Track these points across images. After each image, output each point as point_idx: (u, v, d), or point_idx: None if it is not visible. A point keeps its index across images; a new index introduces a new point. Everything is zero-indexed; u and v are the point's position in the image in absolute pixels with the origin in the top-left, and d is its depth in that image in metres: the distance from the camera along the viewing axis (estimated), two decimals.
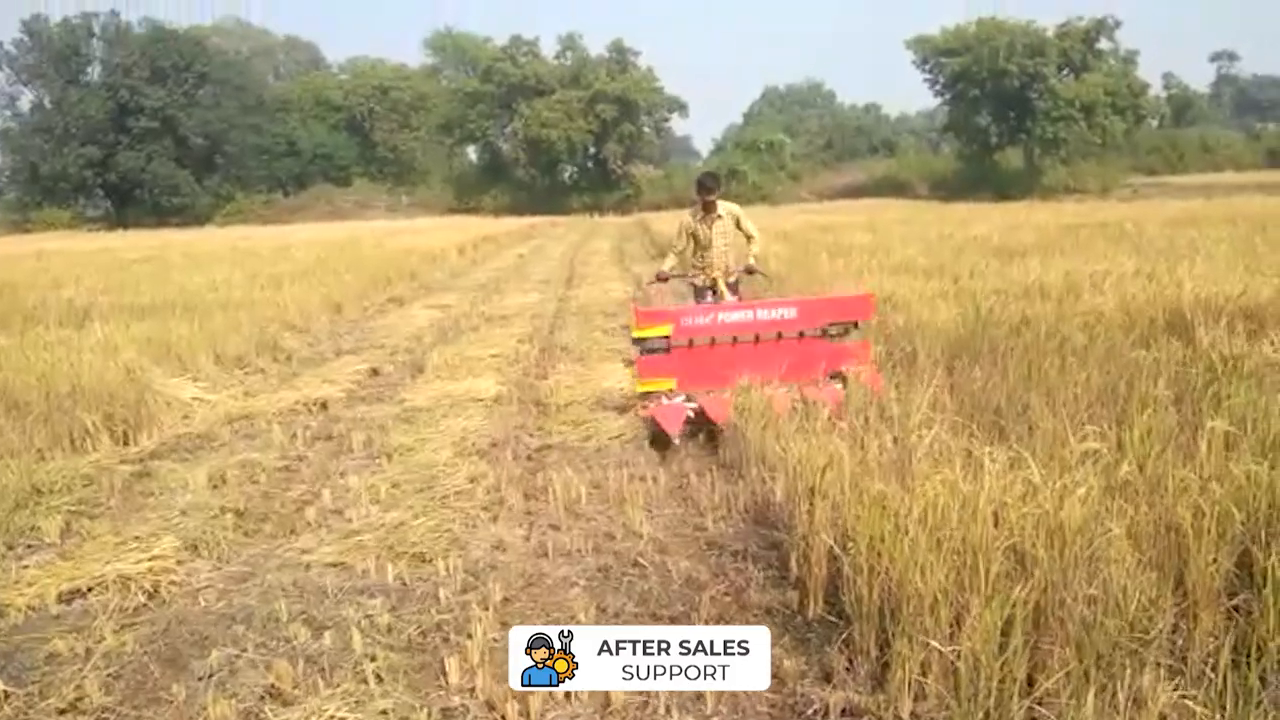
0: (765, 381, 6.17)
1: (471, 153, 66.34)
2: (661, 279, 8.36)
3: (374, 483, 5.65)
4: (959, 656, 2.85)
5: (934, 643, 2.99)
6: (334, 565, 4.53)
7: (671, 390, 6.54)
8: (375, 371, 9.36)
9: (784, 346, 6.59)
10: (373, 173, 62.44)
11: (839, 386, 6.31)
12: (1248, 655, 2.88)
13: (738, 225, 7.91)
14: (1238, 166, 60.19)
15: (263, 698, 3.30)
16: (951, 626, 3.03)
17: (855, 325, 6.78)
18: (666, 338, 6.53)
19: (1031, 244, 15.49)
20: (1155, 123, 63.96)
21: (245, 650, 3.65)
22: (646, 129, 61.80)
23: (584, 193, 59.34)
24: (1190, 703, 2.61)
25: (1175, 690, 2.71)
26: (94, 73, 57.66)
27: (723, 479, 5.37)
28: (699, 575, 4.26)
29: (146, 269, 18.42)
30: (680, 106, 63.00)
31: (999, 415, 5.46)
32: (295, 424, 7.26)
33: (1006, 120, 55.84)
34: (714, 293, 7.83)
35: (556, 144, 58.00)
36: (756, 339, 6.59)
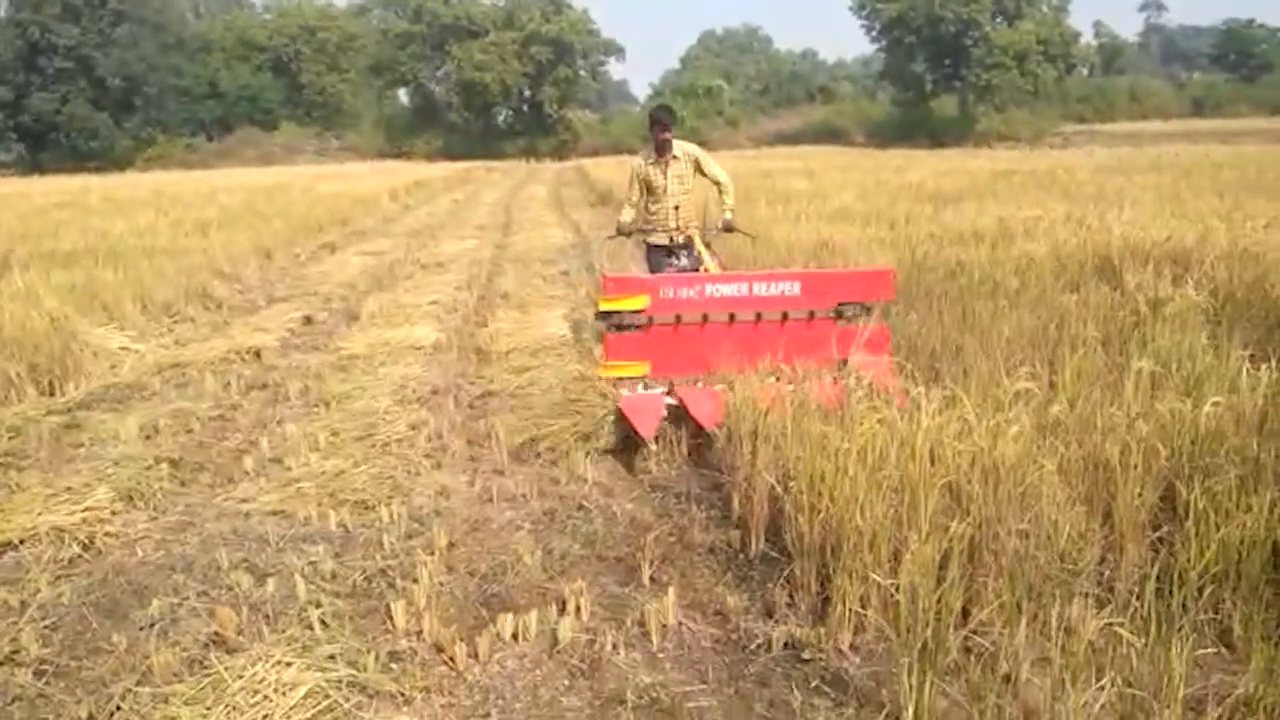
0: (755, 369, 5.07)
1: (403, 95, 64.91)
2: (623, 233, 7.08)
3: (312, 431, 5.58)
4: (898, 590, 2.93)
5: (875, 575, 3.07)
6: (274, 513, 4.48)
7: (644, 377, 5.41)
8: (309, 319, 9.19)
9: (789, 330, 5.35)
10: (300, 116, 60.62)
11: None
12: (1171, 584, 3.01)
13: (698, 170, 6.80)
14: (1164, 115, 61.51)
15: (206, 645, 3.27)
16: (890, 561, 3.12)
17: (867, 309, 5.41)
18: (641, 311, 5.28)
19: (966, 190, 15.71)
20: (1086, 71, 64.87)
21: (187, 599, 3.61)
22: (583, 73, 61.01)
23: (519, 137, 58.52)
24: (1118, 629, 2.73)
25: (1103, 618, 2.82)
26: (0, 9, 54.93)
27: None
28: (643, 517, 4.32)
29: (66, 214, 17.73)
30: (617, 50, 62.35)
31: (934, 358, 5.59)
32: (228, 373, 7.11)
33: (942, 67, 56.27)
34: (672, 254, 6.67)
35: (491, 87, 56.98)
36: (758, 318, 5.33)
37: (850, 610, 3.15)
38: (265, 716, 2.80)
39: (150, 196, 21.61)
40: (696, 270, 6.31)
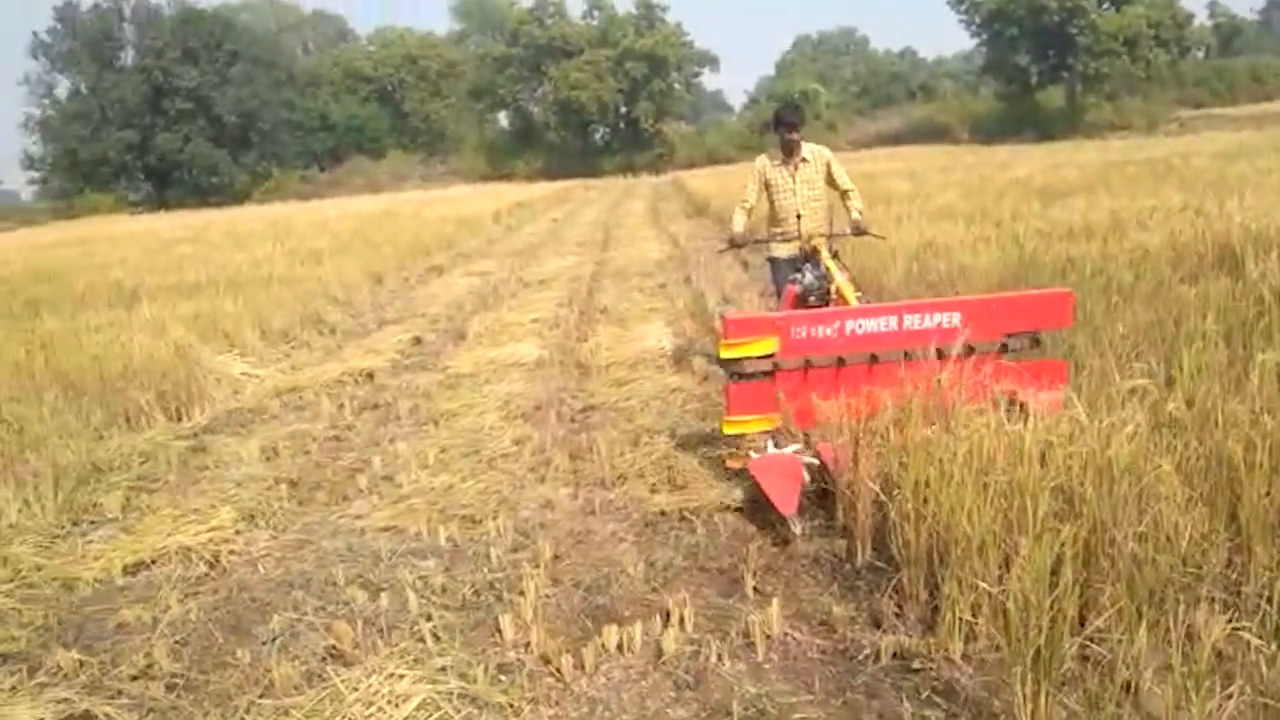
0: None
1: (503, 118, 66.24)
2: (735, 245, 6.37)
3: (422, 448, 5.74)
4: (1009, 597, 2.85)
5: (983, 584, 2.99)
6: (387, 529, 4.62)
7: (775, 430, 4.66)
8: (418, 340, 9.45)
9: (949, 369, 4.21)
10: (405, 143, 62.53)
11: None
12: None
13: (829, 175, 6.18)
14: None
15: (324, 659, 3.39)
16: (1000, 568, 3.03)
17: (1036, 341, 4.65)
18: (769, 356, 4.53)
19: (1075, 183, 15.20)
20: (1201, 53, 62.01)
21: (305, 614, 3.75)
22: (677, 85, 61.17)
23: (616, 154, 59.01)
24: (1245, 634, 2.59)
25: (1229, 624, 2.69)
26: (127, 57, 58.19)
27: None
28: (745, 528, 4.29)
29: (189, 249, 18.66)
30: (710, 61, 62.40)
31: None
32: (342, 394, 7.38)
33: (1046, 58, 54.50)
34: (801, 267, 5.86)
35: (587, 105, 57.66)
36: (907, 356, 4.38)
37: (960, 619, 3.07)
38: None
39: (266, 228, 22.55)
40: (824, 286, 5.59)
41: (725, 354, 4.57)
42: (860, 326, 4.53)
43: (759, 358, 4.53)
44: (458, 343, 9.13)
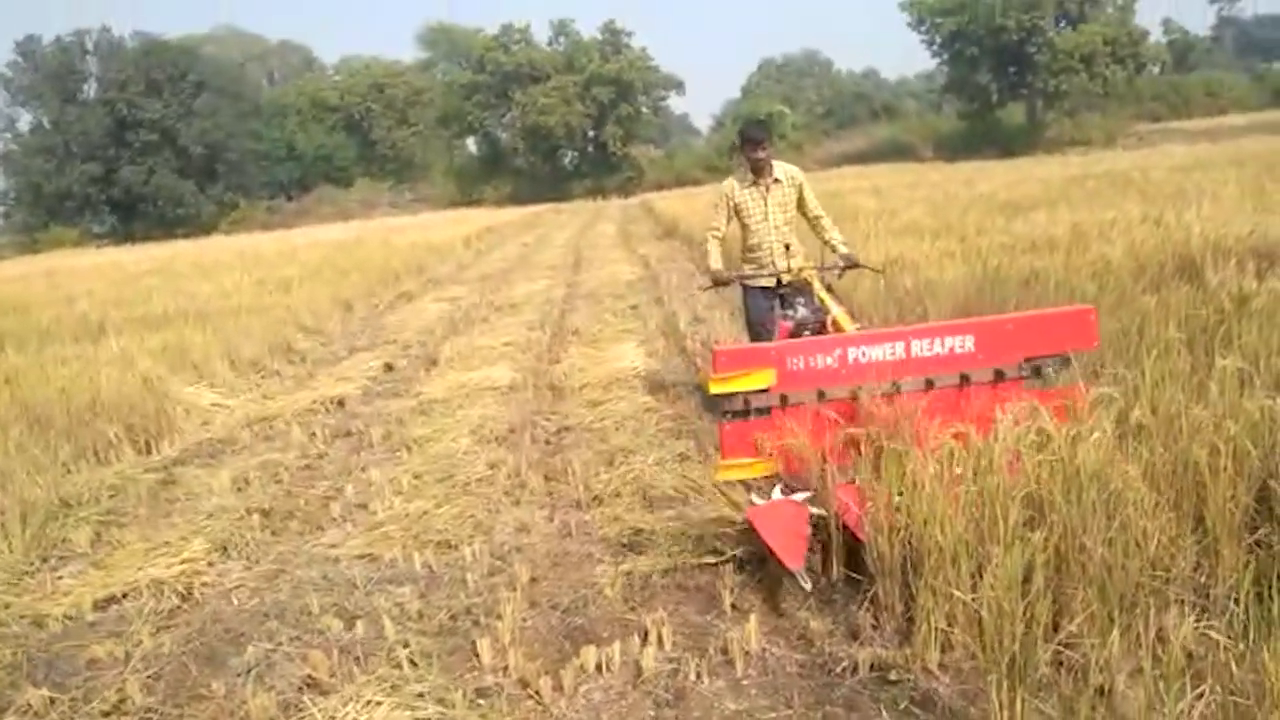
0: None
1: (471, 144, 66.30)
2: (719, 282, 5.96)
3: (395, 475, 5.71)
4: (983, 605, 2.88)
5: (957, 592, 3.02)
6: (361, 557, 4.59)
7: (775, 477, 4.17)
8: (389, 367, 9.42)
9: (968, 400, 4.11)
10: (374, 171, 62.43)
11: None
12: (1269, 587, 2.90)
13: (800, 198, 5.80)
14: (1243, 108, 59.41)
15: (301, 689, 3.36)
16: (974, 577, 3.06)
17: (1065, 362, 4.22)
18: (765, 391, 4.14)
19: (1038, 198, 15.42)
20: (1157, 69, 63.19)
21: (280, 644, 3.71)
22: (644, 109, 61.58)
23: (585, 178, 59.22)
24: (1214, 633, 2.64)
25: (1199, 625, 2.73)
26: (90, 89, 57.73)
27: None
28: (722, 546, 4.29)
29: (156, 280, 18.50)
30: (677, 84, 62.83)
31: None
32: (314, 423, 7.33)
33: (1006, 76, 55.37)
34: (784, 301, 5.60)
35: (555, 130, 57.86)
36: (929, 385, 4.12)
37: (936, 629, 3.09)
38: None
39: (234, 258, 22.42)
40: (819, 319, 5.20)
41: (716, 389, 4.12)
42: (864, 354, 4.15)
43: (755, 393, 4.13)
44: (429, 368, 9.10)
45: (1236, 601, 2.90)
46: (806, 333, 5.13)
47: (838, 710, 2.99)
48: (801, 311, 5.35)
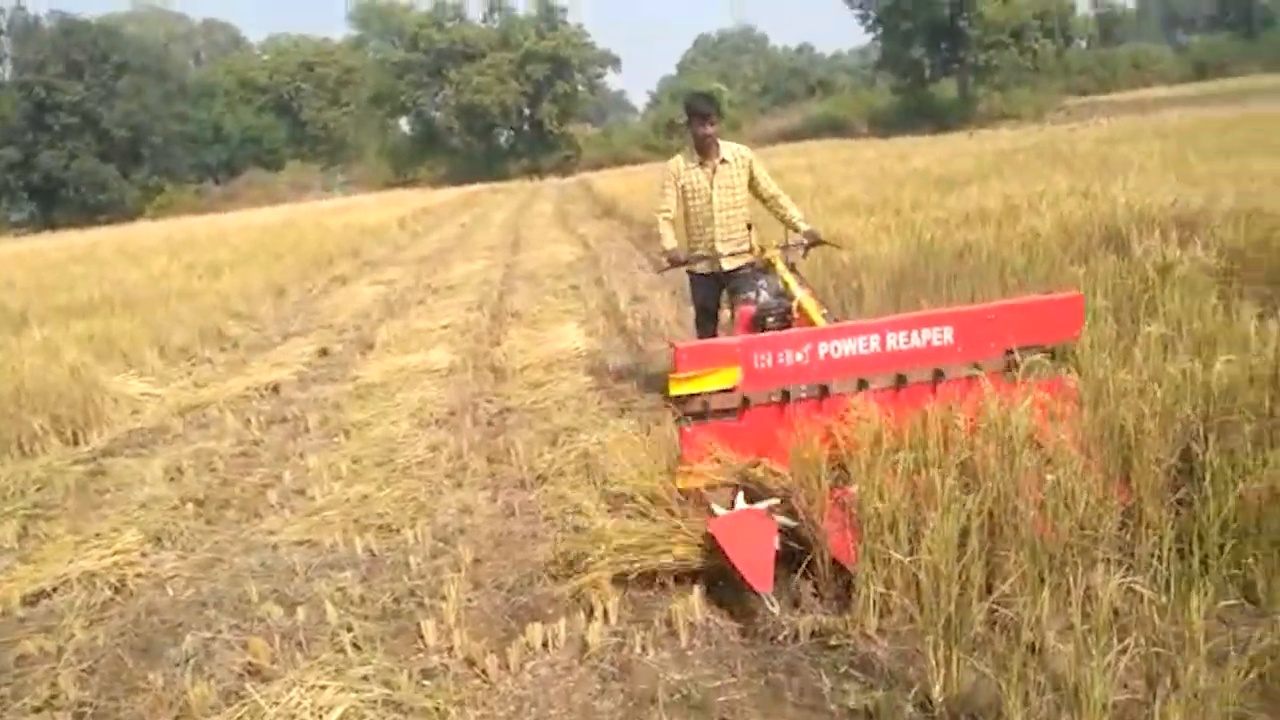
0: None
1: (405, 124, 65.35)
2: (678, 263, 5.61)
3: (334, 460, 5.64)
4: (920, 568, 2.94)
5: (895, 555, 3.08)
6: (301, 543, 4.53)
7: (738, 484, 3.87)
8: (325, 351, 9.27)
9: (943, 397, 3.83)
10: (305, 153, 61.31)
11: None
12: (1191, 543, 3.00)
13: (751, 180, 5.52)
14: (1167, 81, 61.07)
15: (241, 676, 3.32)
16: (911, 542, 3.12)
17: (1050, 354, 4.08)
18: (731, 390, 3.91)
19: (970, 172, 15.64)
20: (1084, 43, 64.55)
21: (219, 633, 3.65)
22: (581, 87, 61.31)
23: (522, 157, 58.80)
24: (1139, 588, 2.73)
25: (1124, 581, 2.82)
26: (4, 72, 55.83)
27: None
28: (668, 520, 4.31)
29: (80, 268, 17.95)
30: (613, 61, 62.66)
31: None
32: (248, 410, 7.20)
33: (939, 51, 56.09)
34: (735, 290, 5.38)
35: (490, 108, 57.32)
36: (900, 382, 3.96)
37: (875, 594, 3.15)
38: None
39: (162, 244, 21.86)
40: (783, 305, 4.93)
41: (676, 389, 3.87)
42: (836, 349, 3.92)
43: (719, 392, 3.90)
44: (366, 352, 8.98)
45: (1159, 559, 3.00)
46: (770, 320, 4.88)
47: (779, 676, 3.03)
48: (764, 296, 5.04)
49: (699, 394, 3.89)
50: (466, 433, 6.01)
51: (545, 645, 3.35)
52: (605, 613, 3.47)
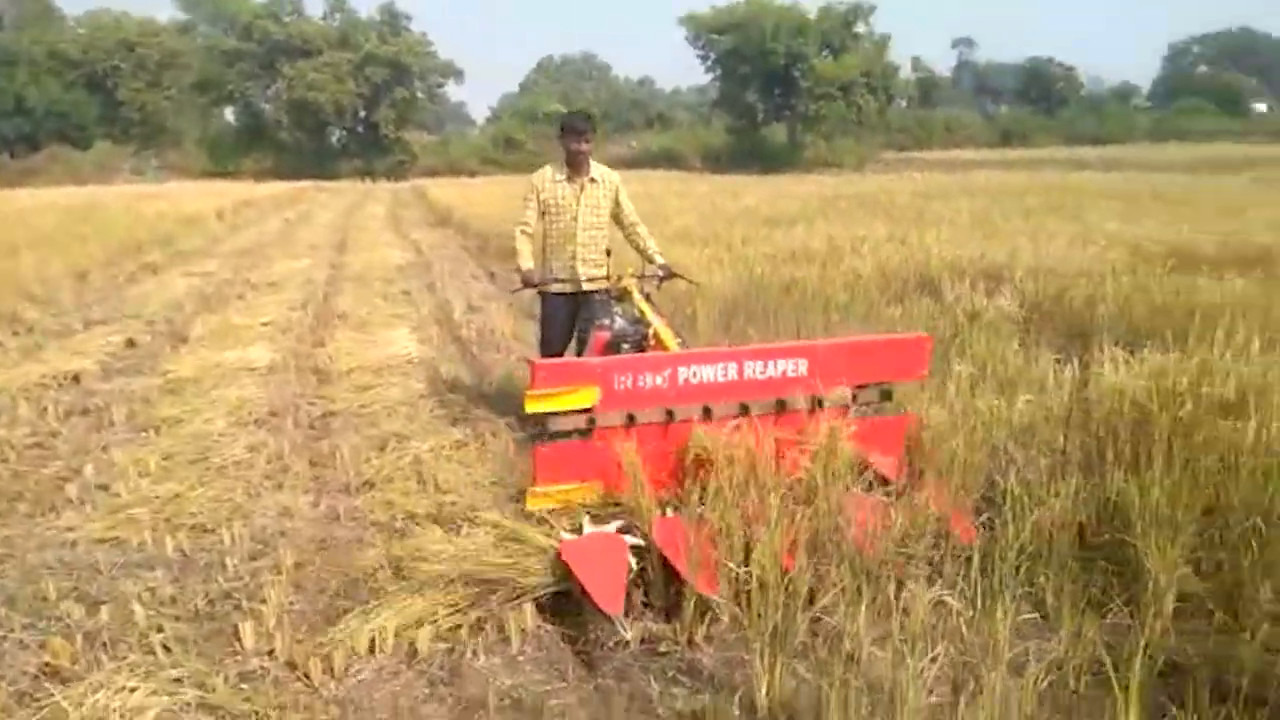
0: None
1: (230, 114, 62.33)
2: (531, 285, 5.46)
3: (142, 456, 5.32)
4: (750, 580, 3.07)
5: (730, 564, 3.20)
6: (104, 541, 4.26)
7: (591, 505, 3.94)
8: (132, 342, 8.72)
9: (790, 424, 3.97)
10: (116, 134, 57.33)
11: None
12: (993, 563, 3.26)
13: (615, 203, 5.52)
14: (976, 144, 65.92)
15: (38, 677, 3.08)
16: (743, 555, 3.25)
17: (887, 394, 4.28)
18: (587, 411, 3.92)
19: (797, 213, 16.34)
20: (905, 103, 68.66)
21: (11, 631, 3.38)
22: (420, 94, 60.14)
23: (355, 157, 57.01)
24: (949, 600, 2.94)
25: (935, 595, 3.04)
26: None
27: (521, 427, 5.31)
28: (503, 531, 4.30)
29: None
30: (455, 73, 61.68)
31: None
32: (45, 399, 6.69)
33: (773, 97, 58.34)
34: (592, 312, 5.29)
35: (324, 106, 55.37)
36: (744, 410, 4.01)
37: (703, 604, 3.26)
38: None
39: None
40: (639, 331, 4.94)
41: (532, 407, 3.84)
42: (695, 375, 3.97)
43: (576, 412, 3.87)
44: (179, 345, 8.51)
45: (965, 576, 3.24)
46: (625, 346, 4.89)
47: (609, 682, 3.09)
48: (620, 323, 5.03)
49: (555, 413, 3.86)
50: (288, 434, 5.80)
51: (372, 649, 3.28)
52: (435, 618, 3.42)
